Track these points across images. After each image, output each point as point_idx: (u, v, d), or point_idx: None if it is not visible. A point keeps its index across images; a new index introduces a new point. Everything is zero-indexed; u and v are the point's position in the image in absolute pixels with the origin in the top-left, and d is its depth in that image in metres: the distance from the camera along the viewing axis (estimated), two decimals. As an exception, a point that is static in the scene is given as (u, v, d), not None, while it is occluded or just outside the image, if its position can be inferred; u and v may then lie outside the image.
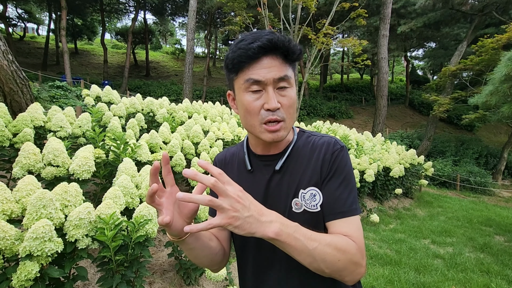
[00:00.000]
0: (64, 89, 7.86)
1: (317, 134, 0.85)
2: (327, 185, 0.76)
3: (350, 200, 0.75)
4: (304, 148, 0.82)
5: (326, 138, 0.82)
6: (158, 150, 3.39)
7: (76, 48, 28.76)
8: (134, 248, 1.92)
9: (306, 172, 0.78)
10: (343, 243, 0.67)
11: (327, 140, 0.81)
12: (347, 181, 0.77)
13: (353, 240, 0.69)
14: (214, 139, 4.13)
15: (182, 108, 5.27)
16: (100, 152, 2.72)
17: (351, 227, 0.72)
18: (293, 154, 0.82)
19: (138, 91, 18.75)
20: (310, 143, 0.82)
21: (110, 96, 4.43)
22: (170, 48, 40.14)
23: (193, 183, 3.23)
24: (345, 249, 0.66)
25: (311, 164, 0.79)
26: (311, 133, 0.87)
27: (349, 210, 0.74)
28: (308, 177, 0.78)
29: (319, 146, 0.80)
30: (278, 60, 0.71)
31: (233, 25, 13.37)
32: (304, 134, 0.86)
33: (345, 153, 0.79)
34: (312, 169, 0.78)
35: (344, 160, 0.78)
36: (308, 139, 0.84)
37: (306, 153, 0.81)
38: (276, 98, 0.70)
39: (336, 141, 0.81)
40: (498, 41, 10.81)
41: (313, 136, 0.85)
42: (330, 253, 0.63)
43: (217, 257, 0.81)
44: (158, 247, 2.87)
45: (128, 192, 2.20)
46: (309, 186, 0.77)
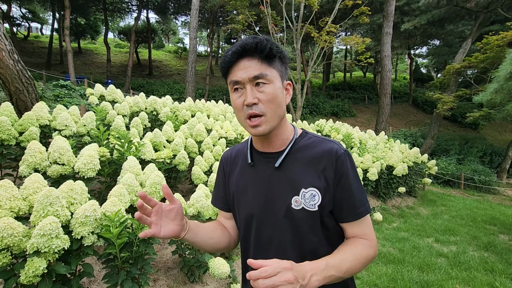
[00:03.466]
0: (68, 88, 7.91)
1: (319, 136, 0.88)
2: (337, 189, 0.82)
3: (362, 201, 0.83)
4: (306, 148, 0.85)
5: (329, 143, 0.85)
6: (162, 149, 3.41)
7: (79, 47, 28.91)
8: (139, 246, 1.94)
9: (308, 172, 0.82)
10: (363, 252, 0.80)
11: (330, 146, 0.84)
12: (356, 184, 0.83)
13: (368, 238, 0.83)
14: (217, 138, 4.14)
15: (185, 106, 5.29)
16: (104, 151, 2.75)
17: (365, 226, 0.84)
18: (293, 153, 0.85)
19: (141, 90, 18.83)
20: (312, 144, 0.86)
21: (114, 95, 4.46)
22: (172, 47, 40.19)
23: (196, 182, 3.25)
24: (366, 256, 0.81)
25: (313, 165, 0.83)
26: (314, 135, 0.89)
27: (363, 211, 0.83)
28: (310, 178, 0.82)
29: (322, 151, 0.83)
30: (254, 60, 0.77)
31: (236, 23, 13.36)
32: (306, 136, 0.89)
33: (349, 156, 0.84)
34: (315, 171, 0.82)
35: (350, 164, 0.83)
36: (310, 140, 0.87)
37: (308, 154, 0.84)
38: (254, 94, 0.76)
39: (339, 146, 0.84)
40: (503, 38, 10.70)
41: (315, 138, 0.88)
42: (356, 266, 0.79)
43: (221, 244, 0.93)
44: (162, 245, 2.90)
45: (132, 190, 2.22)
46: (310, 187, 0.81)
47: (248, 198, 0.89)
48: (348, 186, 0.81)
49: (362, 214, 0.82)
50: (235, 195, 0.93)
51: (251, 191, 0.88)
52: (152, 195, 2.34)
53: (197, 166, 3.40)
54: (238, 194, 0.92)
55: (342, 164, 0.81)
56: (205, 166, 3.53)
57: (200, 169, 3.34)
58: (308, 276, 0.67)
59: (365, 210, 0.83)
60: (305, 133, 0.90)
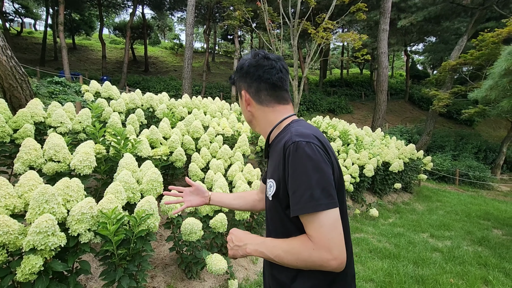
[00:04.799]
0: (63, 85, 7.82)
1: (293, 128, 0.89)
2: (288, 182, 0.82)
3: (303, 198, 0.76)
4: (278, 142, 0.93)
5: (286, 136, 0.87)
6: (159, 146, 3.40)
7: (74, 43, 28.54)
8: (136, 242, 1.94)
9: (271, 165, 0.95)
10: (300, 250, 0.78)
11: (285, 138, 0.86)
12: (301, 177, 0.78)
13: (312, 239, 0.77)
14: (214, 135, 4.13)
15: (182, 103, 5.26)
16: (100, 148, 2.73)
17: (311, 226, 0.77)
18: (274, 145, 0.97)
19: (137, 86, 18.69)
20: (281, 138, 0.90)
21: (110, 92, 4.42)
22: (169, 43, 39.85)
23: (193, 179, 3.24)
24: (297, 253, 0.79)
25: (275, 158, 0.91)
26: (291, 128, 0.90)
27: (304, 207, 0.76)
28: (271, 169, 0.93)
29: (281, 144, 0.87)
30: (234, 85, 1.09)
31: (232, 19, 13.26)
32: (287, 128, 0.93)
33: (299, 148, 0.79)
34: (274, 164, 0.90)
35: (295, 155, 0.79)
36: (283, 134, 0.92)
37: (277, 148, 0.91)
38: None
39: (290, 138, 0.83)
40: (499, 35, 10.75)
41: (285, 133, 0.91)
42: (287, 258, 0.81)
43: (243, 208, 1.28)
44: (159, 242, 2.90)
45: (129, 187, 2.22)
46: (270, 178, 0.92)
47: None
48: (291, 180, 0.80)
49: (297, 211, 0.77)
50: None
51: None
52: (149, 192, 2.33)
53: (194, 163, 3.39)
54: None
55: (289, 156, 0.81)
56: (202, 163, 3.53)
57: (197, 166, 3.34)
58: (244, 242, 0.90)
59: (301, 208, 0.76)
60: (288, 125, 0.94)
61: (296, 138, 0.81)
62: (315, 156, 0.78)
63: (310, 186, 0.76)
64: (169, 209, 2.35)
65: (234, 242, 0.93)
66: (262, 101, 0.97)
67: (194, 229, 2.24)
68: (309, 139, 0.81)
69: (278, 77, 0.96)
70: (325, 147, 0.84)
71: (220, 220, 2.51)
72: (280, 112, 0.98)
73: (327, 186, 0.77)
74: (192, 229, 2.23)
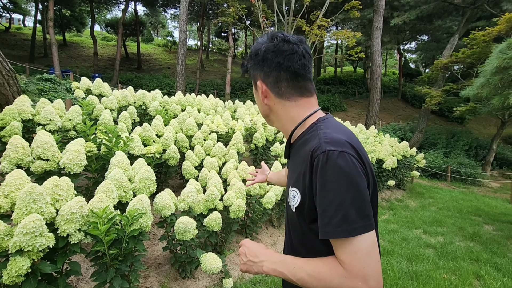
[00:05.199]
0: (53, 82, 7.66)
1: (321, 132, 0.76)
2: (316, 197, 0.70)
3: (337, 219, 0.65)
4: (302, 145, 0.81)
5: (313, 140, 0.75)
6: (151, 143, 3.34)
7: (64, 40, 28.00)
8: (128, 242, 1.90)
9: (295, 171, 0.81)
10: (325, 273, 0.68)
11: (312, 144, 0.73)
12: (332, 194, 0.66)
13: (344, 266, 0.66)
14: (208, 132, 4.09)
15: (175, 101, 5.19)
16: (91, 146, 2.66)
17: (344, 250, 0.66)
18: (297, 147, 0.85)
19: (129, 84, 18.45)
20: (307, 141, 0.78)
21: (101, 89, 4.33)
22: (162, 41, 39.41)
23: (187, 177, 3.20)
24: (325, 279, 0.67)
25: (299, 165, 0.78)
26: (319, 130, 0.77)
27: (336, 231, 0.65)
28: (295, 176, 0.80)
29: (307, 149, 0.75)
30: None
31: (226, 16, 13.16)
32: (311, 128, 0.80)
33: (330, 159, 0.67)
34: (299, 171, 0.78)
35: (326, 169, 0.67)
36: (309, 135, 0.79)
37: (302, 151, 0.79)
38: None
39: (319, 145, 0.70)
40: (489, 34, 10.90)
41: (315, 133, 0.78)
42: (312, 283, 0.69)
43: None
44: (152, 241, 2.85)
45: (121, 185, 2.17)
46: (294, 186, 0.79)
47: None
48: (320, 196, 0.68)
49: (327, 234, 0.66)
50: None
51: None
52: (141, 190, 2.29)
53: (188, 161, 3.35)
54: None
55: (317, 168, 0.68)
56: (196, 161, 3.49)
57: (191, 164, 3.30)
58: (260, 258, 0.80)
59: (332, 232, 0.65)
60: (314, 124, 0.81)
61: (326, 146, 0.69)
62: (350, 169, 0.66)
63: (343, 205, 0.64)
64: (162, 207, 2.31)
65: (247, 257, 0.82)
66: (282, 93, 0.83)
67: (188, 228, 2.20)
68: (342, 147, 0.68)
69: (300, 64, 0.81)
70: (360, 155, 0.71)
71: (215, 219, 2.47)
72: (304, 107, 0.84)
73: (363, 205, 0.65)
74: (185, 228, 2.19)
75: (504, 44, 4.53)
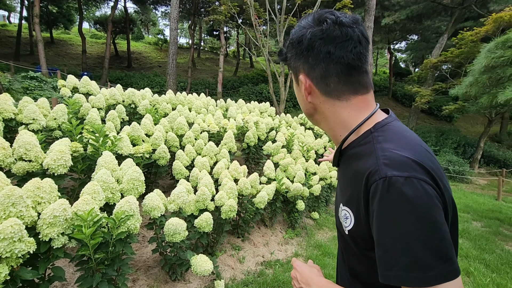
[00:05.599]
0: (39, 80, 7.44)
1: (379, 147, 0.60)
2: (374, 229, 0.56)
3: (405, 263, 0.50)
4: (354, 157, 0.66)
5: (370, 159, 0.59)
6: (140, 143, 3.26)
7: (51, 37, 27.32)
8: (115, 245, 1.83)
9: (346, 187, 0.68)
10: None
11: (368, 164, 0.58)
12: (397, 233, 0.51)
13: None
14: (199, 131, 4.02)
15: (166, 99, 5.10)
16: (77, 146, 2.58)
17: None
18: (348, 156, 0.70)
19: (119, 82, 18.14)
20: (359, 154, 0.64)
21: (88, 87, 4.21)
22: (152, 39, 38.87)
23: (177, 177, 3.14)
24: None
25: (351, 183, 0.65)
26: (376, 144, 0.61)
27: (404, 278, 0.50)
28: (348, 194, 0.66)
29: (360, 168, 0.61)
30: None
31: (218, 14, 13.04)
32: (368, 137, 0.65)
33: (393, 187, 0.52)
34: (351, 191, 0.64)
35: (387, 200, 0.53)
36: (362, 147, 0.65)
37: (354, 165, 0.65)
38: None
39: (377, 168, 0.55)
40: (477, 34, 11.12)
41: (368, 146, 0.63)
42: None
43: None
44: (142, 243, 2.78)
45: (108, 187, 2.10)
46: (346, 205, 0.66)
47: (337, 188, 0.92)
48: (379, 231, 0.54)
49: (391, 279, 0.52)
50: None
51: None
52: (130, 192, 2.22)
53: (178, 160, 3.29)
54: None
55: (375, 196, 0.54)
56: (186, 160, 3.43)
57: (181, 163, 3.23)
58: (312, 286, 0.71)
59: (399, 278, 0.51)
60: (370, 132, 0.65)
61: (387, 170, 0.54)
62: (421, 200, 0.51)
63: (412, 247, 0.50)
64: (151, 209, 2.25)
65: (299, 283, 0.75)
66: (331, 91, 0.68)
67: (178, 230, 2.15)
68: (408, 171, 0.53)
69: (355, 53, 0.64)
70: (435, 178, 0.55)
71: (205, 220, 2.42)
72: (358, 108, 0.68)
73: (441, 245, 0.50)
74: (175, 230, 2.14)
75: (492, 43, 4.61)
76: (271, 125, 5.47)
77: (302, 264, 0.78)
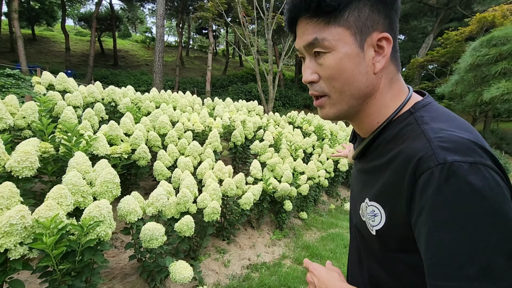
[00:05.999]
0: (16, 78, 7.10)
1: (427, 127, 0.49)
2: (417, 227, 0.46)
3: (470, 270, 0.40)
4: (392, 141, 0.54)
5: (415, 143, 0.47)
6: (119, 143, 3.10)
7: (33, 34, 26.37)
8: (83, 254, 1.68)
9: (378, 179, 0.55)
10: None
11: (417, 148, 0.46)
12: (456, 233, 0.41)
13: None
14: (183, 130, 3.87)
15: (149, 97, 4.92)
16: (47, 146, 2.40)
17: None
18: (380, 144, 0.57)
19: (105, 81, 17.67)
20: (401, 136, 0.52)
21: (65, 84, 3.98)
22: (140, 37, 38.14)
23: (158, 178, 2.99)
24: None
25: (384, 173, 0.53)
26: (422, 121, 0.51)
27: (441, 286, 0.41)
28: (378, 187, 0.55)
29: (403, 152, 0.49)
30: (311, 19, 0.54)
31: (205, 11, 12.82)
32: (408, 118, 0.53)
33: (456, 176, 0.41)
34: (384, 182, 0.53)
35: (447, 192, 0.41)
36: (405, 129, 0.52)
37: (390, 150, 0.53)
38: (312, 68, 0.58)
39: (430, 151, 0.44)
40: (462, 33, 11.32)
41: (410, 128, 0.51)
42: None
43: None
44: (119, 249, 2.63)
45: (78, 190, 1.95)
46: (374, 200, 0.55)
47: (352, 186, 0.76)
48: (431, 232, 0.43)
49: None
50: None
51: (352, 177, 0.76)
52: (103, 195, 2.07)
53: (160, 161, 3.14)
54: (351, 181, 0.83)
55: (427, 187, 0.43)
56: (169, 161, 3.28)
57: (163, 164, 3.08)
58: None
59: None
60: (409, 113, 0.54)
61: (445, 154, 0.43)
62: (492, 192, 0.41)
63: (482, 251, 0.40)
64: (127, 213, 2.10)
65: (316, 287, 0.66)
66: (395, 59, 0.56)
67: (155, 235, 2.01)
68: (473, 156, 0.42)
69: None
70: (500, 165, 0.45)
71: (186, 223, 2.29)
72: (400, 87, 0.57)
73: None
74: (152, 235, 2.00)
75: (477, 41, 4.64)
76: (259, 124, 5.36)
77: (320, 267, 0.67)
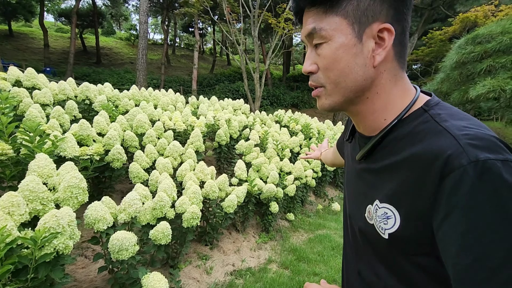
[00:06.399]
0: (-14, 74, 6.64)
1: (449, 124, 0.46)
2: (442, 228, 0.43)
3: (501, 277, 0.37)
4: (406, 139, 0.50)
5: (443, 139, 0.44)
6: (91, 143, 2.86)
7: (10, 30, 25.20)
8: (37, 270, 1.48)
9: (390, 179, 0.52)
10: None
11: (441, 145, 0.43)
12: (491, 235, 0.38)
13: None
14: (162, 130, 3.66)
15: (128, 95, 4.66)
16: (4, 147, 2.16)
17: None
18: (388, 142, 0.54)
19: (86, 79, 17.04)
20: (418, 134, 0.49)
21: (34, 81, 3.69)
22: (124, 34, 37.21)
23: (134, 181, 2.78)
24: None
25: (406, 171, 0.49)
26: (440, 118, 0.48)
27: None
28: (392, 187, 0.51)
29: (426, 151, 0.45)
30: (310, 9, 0.54)
31: (190, 7, 12.52)
32: (422, 116, 0.51)
33: (488, 174, 0.39)
34: (401, 181, 0.49)
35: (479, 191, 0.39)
36: (421, 127, 0.49)
37: (405, 149, 0.50)
38: (312, 59, 0.56)
39: (460, 151, 0.41)
40: (445, 33, 11.55)
41: (431, 124, 0.48)
42: None
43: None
44: (90, 259, 2.41)
45: (37, 196, 1.73)
46: (386, 202, 0.52)
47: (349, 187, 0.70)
48: (458, 234, 0.40)
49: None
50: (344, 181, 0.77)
51: (349, 178, 0.70)
52: (67, 201, 1.86)
53: (136, 162, 2.92)
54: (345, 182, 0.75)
55: (458, 186, 0.40)
56: (146, 162, 3.07)
57: (139, 166, 2.87)
58: None
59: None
60: (423, 111, 0.51)
61: (477, 152, 0.40)
62: None
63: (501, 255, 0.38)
64: (94, 221, 1.90)
65: None
66: (401, 56, 0.53)
67: (125, 245, 1.82)
68: (502, 153, 0.41)
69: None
70: None
71: (162, 231, 2.11)
72: (406, 85, 0.55)
73: None
74: (122, 246, 1.80)
75: (462, 39, 4.65)
76: (245, 122, 5.20)
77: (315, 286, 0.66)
